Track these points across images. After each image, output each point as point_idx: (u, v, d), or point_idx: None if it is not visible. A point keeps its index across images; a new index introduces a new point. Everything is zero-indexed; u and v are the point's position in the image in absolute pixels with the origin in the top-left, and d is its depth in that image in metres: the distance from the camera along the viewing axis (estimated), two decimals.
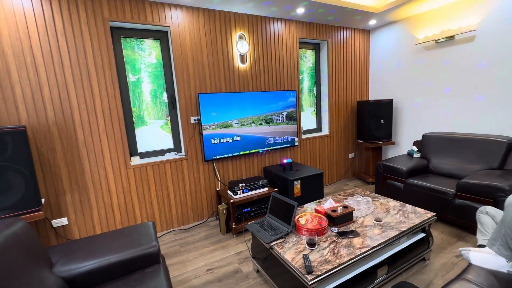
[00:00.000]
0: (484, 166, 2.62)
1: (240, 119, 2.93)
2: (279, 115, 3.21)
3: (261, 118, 3.07)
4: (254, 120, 3.02)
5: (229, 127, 2.87)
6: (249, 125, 3.00)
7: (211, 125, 2.76)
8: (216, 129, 2.80)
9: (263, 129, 3.10)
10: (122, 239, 1.63)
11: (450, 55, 3.12)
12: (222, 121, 2.82)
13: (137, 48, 2.61)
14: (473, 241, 2.22)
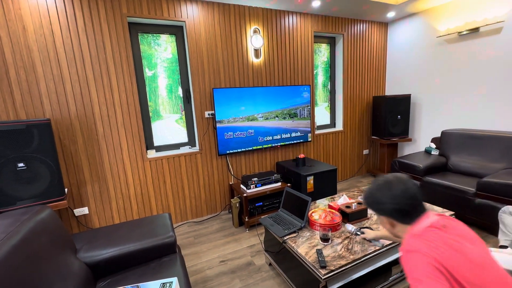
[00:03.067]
0: (507, 165, 2.51)
1: (254, 114, 2.94)
2: (293, 110, 3.19)
3: (275, 113, 3.06)
4: (268, 115, 3.02)
5: (243, 122, 2.89)
6: (263, 120, 3.00)
7: (225, 120, 2.79)
8: (230, 123, 2.82)
9: (276, 124, 3.10)
10: (140, 229, 1.69)
11: (474, 48, 2.98)
12: (236, 116, 2.84)
13: (153, 43, 2.65)
14: (493, 242, 2.15)
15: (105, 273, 1.46)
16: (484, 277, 0.75)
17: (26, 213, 1.29)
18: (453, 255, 0.76)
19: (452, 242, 0.80)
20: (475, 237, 0.86)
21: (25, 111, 2.10)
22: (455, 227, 0.87)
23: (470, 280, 0.73)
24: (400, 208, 0.90)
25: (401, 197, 0.90)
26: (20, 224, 1.16)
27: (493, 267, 0.79)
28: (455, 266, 0.74)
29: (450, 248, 0.78)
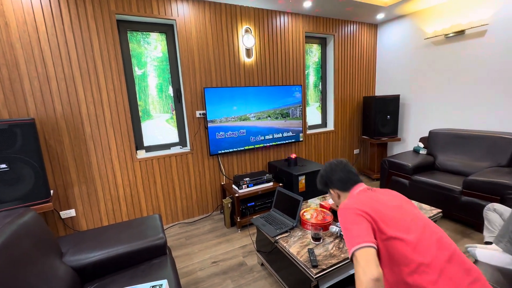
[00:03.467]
0: (492, 164, 2.59)
1: (246, 114, 2.93)
2: (285, 110, 3.19)
3: (266, 112, 3.06)
4: (260, 114, 3.02)
5: (235, 122, 2.88)
6: (255, 120, 3.00)
7: (217, 120, 2.77)
8: (222, 123, 2.80)
9: (268, 123, 3.10)
10: (130, 231, 1.66)
11: (460, 50, 3.06)
12: (228, 115, 2.82)
13: (143, 42, 2.60)
14: (478, 238, 2.21)
15: (92, 277, 1.42)
16: (400, 216, 0.94)
17: (9, 216, 1.24)
18: (373, 203, 0.98)
19: (373, 195, 1.06)
20: (397, 195, 1.09)
21: (8, 110, 2.02)
22: (381, 190, 1.13)
23: (386, 219, 0.92)
24: (341, 179, 1.21)
25: (341, 171, 1.22)
26: (2, 228, 1.12)
27: (407, 209, 0.99)
28: (374, 210, 0.94)
29: (371, 199, 1.02)
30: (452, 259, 0.83)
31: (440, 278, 0.79)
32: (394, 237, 0.86)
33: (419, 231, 0.88)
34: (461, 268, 0.82)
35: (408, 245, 0.85)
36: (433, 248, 0.84)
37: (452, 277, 0.80)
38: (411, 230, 0.88)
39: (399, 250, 0.85)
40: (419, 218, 0.95)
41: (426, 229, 0.90)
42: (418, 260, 0.82)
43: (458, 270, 0.81)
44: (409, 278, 0.82)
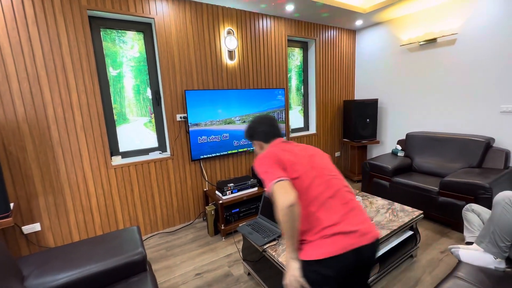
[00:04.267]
0: (464, 165, 2.73)
1: (229, 117, 2.85)
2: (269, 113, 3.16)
3: (250, 116, 3.00)
4: (243, 118, 2.95)
5: (217, 125, 2.78)
6: (238, 123, 2.92)
7: (199, 123, 2.66)
8: (204, 127, 2.70)
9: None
10: (104, 246, 1.51)
11: (432, 57, 3.22)
12: (210, 119, 2.73)
13: (118, 40, 2.44)
14: (456, 237, 2.31)
15: None
16: (302, 162, 1.09)
17: None
18: (285, 153, 1.12)
19: (287, 146, 1.19)
20: (311, 148, 1.21)
21: None
22: (297, 144, 1.25)
23: (292, 164, 1.06)
24: (264, 132, 1.30)
25: (266, 125, 1.31)
26: None
27: (311, 158, 1.14)
28: (284, 157, 1.08)
29: (284, 149, 1.15)
30: (335, 195, 1.05)
31: (321, 207, 1.01)
32: (295, 177, 1.04)
33: (315, 174, 1.07)
34: (341, 202, 1.04)
35: (303, 183, 1.04)
36: (321, 188, 1.05)
37: (332, 207, 1.02)
38: (308, 174, 1.07)
39: (297, 188, 1.01)
40: (319, 165, 1.13)
41: (321, 174, 1.09)
42: (309, 196, 1.03)
43: (338, 203, 1.03)
44: (302, 209, 1.01)
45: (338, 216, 1.00)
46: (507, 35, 2.59)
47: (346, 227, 0.97)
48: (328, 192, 1.04)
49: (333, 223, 0.98)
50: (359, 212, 1.05)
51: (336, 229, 0.97)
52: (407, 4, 3.06)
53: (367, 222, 1.03)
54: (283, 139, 1.30)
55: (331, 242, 0.95)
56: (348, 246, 0.95)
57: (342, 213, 1.01)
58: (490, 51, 2.73)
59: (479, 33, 2.79)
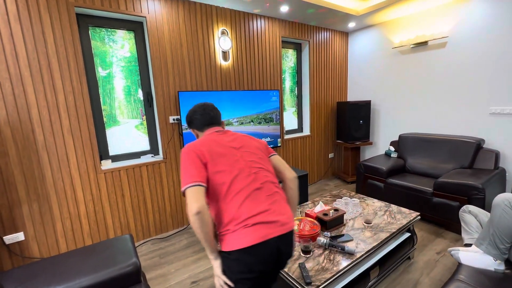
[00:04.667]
0: (455, 165, 2.78)
1: (224, 118, 2.78)
2: (262, 116, 3.12)
3: (245, 117, 2.95)
4: (238, 120, 2.90)
5: None
6: (233, 125, 2.87)
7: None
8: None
9: (246, 129, 2.99)
10: (95, 258, 1.42)
11: (424, 59, 3.28)
12: None
13: (107, 39, 2.34)
14: (450, 237, 2.34)
15: None
16: (230, 154, 1.11)
17: None
18: (212, 143, 1.12)
19: (217, 137, 1.19)
20: (245, 139, 1.23)
21: None
22: (233, 133, 1.26)
23: (216, 157, 1.08)
24: (198, 119, 1.28)
25: (200, 111, 1.29)
26: None
27: (242, 149, 1.16)
28: (209, 149, 1.09)
29: (212, 140, 1.15)
30: (262, 188, 1.07)
31: (247, 199, 1.02)
32: (218, 171, 1.05)
33: (242, 167, 1.08)
34: (266, 194, 1.07)
35: (229, 176, 1.05)
36: (248, 180, 1.06)
37: (257, 198, 1.04)
38: (235, 166, 1.08)
39: (219, 181, 1.03)
40: (247, 158, 1.13)
41: (249, 166, 1.10)
42: (234, 188, 1.03)
43: (263, 195, 1.06)
44: (223, 203, 1.02)
45: (262, 207, 1.03)
46: (496, 39, 2.66)
47: (268, 217, 1.02)
48: (255, 184, 1.07)
49: (256, 213, 1.01)
50: (281, 204, 1.09)
51: (258, 219, 1.00)
52: (400, 7, 3.09)
53: (287, 213, 1.08)
54: (218, 128, 1.28)
55: (253, 230, 0.98)
56: (269, 234, 0.99)
57: (266, 204, 1.04)
58: (480, 54, 2.79)
59: (469, 37, 2.85)
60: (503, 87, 2.66)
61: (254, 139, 1.26)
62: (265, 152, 1.23)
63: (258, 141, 1.27)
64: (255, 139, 1.26)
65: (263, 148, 1.24)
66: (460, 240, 2.27)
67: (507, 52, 2.61)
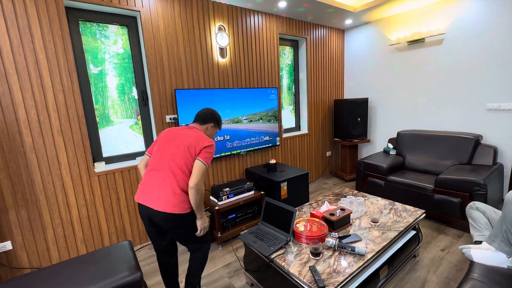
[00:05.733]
0: (454, 162, 2.79)
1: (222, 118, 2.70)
2: (261, 114, 3.05)
3: (243, 116, 2.88)
4: (236, 118, 2.82)
5: None
6: (230, 124, 2.79)
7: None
8: None
9: (244, 128, 2.92)
10: (93, 267, 1.32)
11: (421, 56, 3.28)
12: None
13: (99, 35, 2.22)
14: (452, 234, 2.34)
15: None
16: (160, 144, 1.52)
17: None
18: (163, 133, 1.58)
19: (171, 130, 1.56)
20: (180, 136, 1.49)
21: None
22: (184, 129, 1.56)
23: (156, 143, 1.56)
24: (218, 119, 1.70)
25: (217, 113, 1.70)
26: None
27: (169, 142, 1.48)
28: (159, 138, 1.57)
29: (172, 130, 1.57)
30: (159, 170, 1.42)
31: (147, 172, 1.46)
32: (151, 152, 1.56)
33: (160, 154, 1.46)
34: (157, 175, 1.41)
35: (153, 156, 1.49)
36: (155, 162, 1.45)
37: (151, 175, 1.44)
38: (157, 151, 1.49)
39: (150, 157, 1.53)
40: (167, 149, 1.45)
41: (162, 154, 1.45)
42: (149, 164, 1.49)
43: (155, 174, 1.42)
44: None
45: (148, 181, 1.43)
46: (493, 35, 2.68)
47: (145, 188, 1.42)
48: (157, 166, 1.43)
49: (143, 182, 1.45)
50: (161, 186, 1.38)
51: (141, 187, 1.45)
52: (397, 4, 3.08)
53: (161, 195, 1.37)
54: (192, 124, 1.62)
55: (137, 191, 1.47)
56: (141, 200, 1.43)
57: (151, 180, 1.42)
58: (476, 51, 2.81)
59: (465, 34, 2.87)
60: (500, 83, 2.69)
61: (194, 139, 1.45)
62: (192, 152, 1.41)
63: (197, 142, 1.44)
64: (196, 140, 1.45)
65: (193, 149, 1.42)
66: (463, 236, 2.28)
67: (503, 49, 2.63)
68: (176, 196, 1.37)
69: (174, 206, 1.37)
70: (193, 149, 1.41)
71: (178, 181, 1.38)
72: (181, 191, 1.39)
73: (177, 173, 1.38)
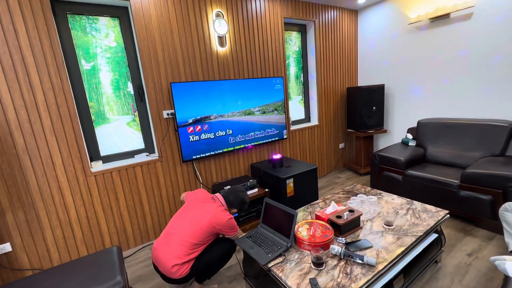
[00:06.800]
0: (484, 153, 2.47)
1: (223, 111, 2.55)
2: (266, 105, 2.86)
3: (246, 108, 2.71)
4: (239, 111, 2.66)
5: (210, 121, 2.49)
6: (233, 117, 2.63)
7: (189, 120, 2.36)
8: (195, 124, 2.41)
9: (248, 121, 2.75)
10: (78, 275, 1.25)
11: (445, 35, 2.91)
12: (202, 115, 2.43)
13: (89, 28, 2.11)
14: (481, 235, 2.07)
15: None
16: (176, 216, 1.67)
17: None
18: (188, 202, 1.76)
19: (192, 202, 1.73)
20: (195, 210, 1.64)
21: None
22: (210, 204, 1.67)
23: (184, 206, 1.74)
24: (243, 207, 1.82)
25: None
26: None
27: (182, 214, 1.65)
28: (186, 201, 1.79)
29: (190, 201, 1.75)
30: (172, 235, 1.54)
31: (160, 239, 1.58)
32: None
33: (174, 224, 1.60)
34: (165, 240, 1.54)
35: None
36: (170, 228, 1.59)
37: (164, 237, 1.56)
38: (175, 217, 1.64)
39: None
40: (180, 218, 1.62)
41: (176, 223, 1.59)
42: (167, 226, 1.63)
43: (168, 238, 1.55)
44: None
45: (159, 243, 1.55)
46: None
47: (155, 252, 1.54)
48: (170, 231, 1.57)
49: (155, 245, 1.56)
50: (168, 250, 1.48)
51: (153, 250, 1.56)
52: None
53: (165, 257, 1.46)
54: (212, 196, 1.74)
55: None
56: (153, 260, 1.55)
57: (163, 243, 1.53)
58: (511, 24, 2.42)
59: (498, 5, 2.47)
60: None
61: (207, 216, 1.55)
62: (196, 224, 1.54)
63: (209, 219, 1.55)
64: (208, 217, 1.55)
65: (200, 222, 1.54)
66: (495, 239, 2.00)
67: None
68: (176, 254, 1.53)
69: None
70: (197, 224, 1.56)
71: (183, 243, 1.51)
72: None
73: (185, 238, 1.51)
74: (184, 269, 1.45)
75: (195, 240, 1.50)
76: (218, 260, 1.62)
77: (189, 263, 1.48)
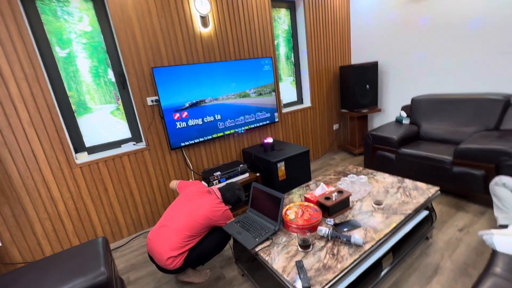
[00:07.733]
0: (479, 128, 2.42)
1: (209, 95, 2.47)
2: (255, 88, 2.77)
3: (234, 91, 2.62)
4: (227, 95, 2.57)
5: (197, 106, 2.41)
6: (221, 101, 2.55)
7: (174, 106, 2.29)
8: (181, 110, 2.33)
9: (238, 104, 2.67)
10: (58, 269, 1.23)
11: (442, 5, 2.77)
12: (187, 100, 2.35)
13: (61, 12, 1.98)
14: (473, 210, 2.06)
15: None
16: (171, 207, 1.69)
17: None
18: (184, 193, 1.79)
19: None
20: (191, 203, 1.64)
21: None
22: (207, 196, 1.70)
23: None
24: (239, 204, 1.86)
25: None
26: None
27: (177, 205, 1.66)
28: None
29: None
30: (165, 226, 1.56)
31: (154, 230, 1.59)
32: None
33: (169, 215, 1.61)
34: (161, 231, 1.55)
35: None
36: (165, 218, 1.61)
37: (158, 228, 1.58)
38: (167, 214, 1.64)
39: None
40: (176, 211, 1.62)
41: (172, 215, 1.60)
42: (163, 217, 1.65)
43: (161, 229, 1.57)
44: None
45: (153, 233, 1.58)
46: None
47: (149, 243, 1.56)
48: (164, 223, 1.58)
49: (150, 236, 1.58)
50: (163, 242, 1.50)
51: (148, 242, 1.58)
52: None
53: (160, 249, 1.48)
54: (208, 189, 1.79)
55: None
56: (148, 251, 1.58)
57: (158, 235, 1.55)
58: None
59: None
60: None
61: (203, 209, 1.56)
62: (192, 213, 1.56)
63: (205, 211, 1.56)
64: (204, 210, 1.56)
65: (196, 212, 1.56)
66: (487, 213, 2.00)
67: None
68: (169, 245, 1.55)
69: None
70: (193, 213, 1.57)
71: (177, 233, 1.52)
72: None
73: (179, 231, 1.52)
74: (178, 260, 1.47)
75: (190, 232, 1.50)
76: (212, 250, 1.62)
77: (183, 254, 1.49)
